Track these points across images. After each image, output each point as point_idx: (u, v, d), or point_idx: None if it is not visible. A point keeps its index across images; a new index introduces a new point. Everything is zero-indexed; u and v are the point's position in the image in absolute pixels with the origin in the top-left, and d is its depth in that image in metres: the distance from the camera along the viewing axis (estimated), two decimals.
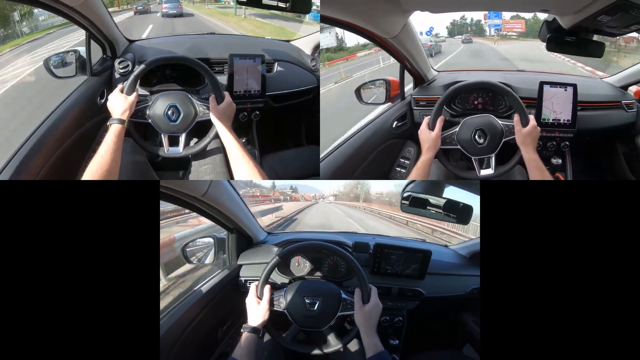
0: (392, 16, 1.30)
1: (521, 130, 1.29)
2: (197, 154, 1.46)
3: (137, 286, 0.93)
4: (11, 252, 0.90)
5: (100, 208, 0.94)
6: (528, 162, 1.27)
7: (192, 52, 1.65)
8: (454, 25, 20.77)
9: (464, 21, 20.71)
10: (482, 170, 1.37)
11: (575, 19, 1.22)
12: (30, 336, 0.89)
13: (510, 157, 1.36)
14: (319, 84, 1.96)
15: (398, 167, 1.72)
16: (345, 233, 1.97)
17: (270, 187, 24.04)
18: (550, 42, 1.35)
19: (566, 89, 1.48)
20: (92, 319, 0.91)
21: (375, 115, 1.72)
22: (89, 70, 1.52)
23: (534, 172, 1.25)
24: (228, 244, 1.59)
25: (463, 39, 18.48)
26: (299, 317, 1.19)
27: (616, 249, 0.93)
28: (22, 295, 0.90)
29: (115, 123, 1.24)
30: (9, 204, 0.91)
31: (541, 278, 0.94)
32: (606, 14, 1.12)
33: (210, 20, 10.80)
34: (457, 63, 11.92)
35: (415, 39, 1.52)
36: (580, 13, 1.18)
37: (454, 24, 20.78)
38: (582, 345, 0.92)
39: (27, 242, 0.91)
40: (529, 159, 1.27)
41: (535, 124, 1.30)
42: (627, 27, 1.21)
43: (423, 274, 1.52)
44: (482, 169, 1.38)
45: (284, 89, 1.79)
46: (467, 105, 1.56)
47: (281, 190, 26.52)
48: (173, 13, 10.47)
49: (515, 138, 1.31)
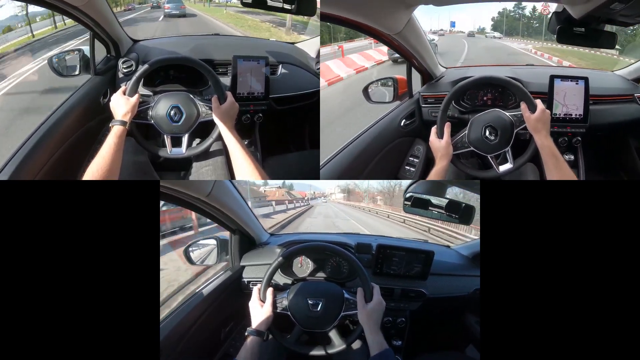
0: (395, 11, 1.27)
1: (530, 117, 1.24)
2: (199, 155, 1.45)
3: (138, 286, 0.93)
4: (11, 252, 0.90)
5: (101, 208, 0.93)
6: (541, 149, 1.22)
7: (196, 53, 1.64)
8: (504, 17, 16.53)
9: (520, 11, 16.31)
10: (500, 167, 1.33)
11: (586, 9, 1.16)
12: (30, 336, 0.89)
13: (526, 150, 1.31)
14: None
15: (407, 166, 1.70)
16: (347, 234, 1.97)
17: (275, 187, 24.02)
18: (561, 33, 1.30)
19: (577, 82, 1.45)
20: (91, 318, 0.90)
21: (383, 114, 1.69)
22: (93, 69, 1.52)
23: (547, 159, 1.20)
24: (231, 245, 1.58)
25: (468, 33, 16.80)
26: (302, 319, 1.19)
27: (617, 249, 0.92)
28: (21, 295, 0.89)
29: (117, 124, 1.24)
30: (8, 204, 0.91)
31: (541, 278, 0.94)
32: (619, 1, 1.06)
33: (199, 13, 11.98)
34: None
35: (420, 35, 1.50)
36: (591, 2, 1.12)
37: (504, 14, 16.57)
38: (582, 345, 0.91)
39: (27, 243, 0.90)
40: (542, 145, 1.21)
41: (544, 108, 1.24)
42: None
43: (425, 274, 1.51)
44: (501, 165, 1.34)
45: (287, 91, 1.79)
46: (477, 101, 1.54)
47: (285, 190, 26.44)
48: (176, 13, 10.66)
49: (527, 126, 1.26)
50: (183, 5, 11.31)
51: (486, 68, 1.92)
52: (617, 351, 0.90)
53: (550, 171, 1.19)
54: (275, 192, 22.33)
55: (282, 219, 10.74)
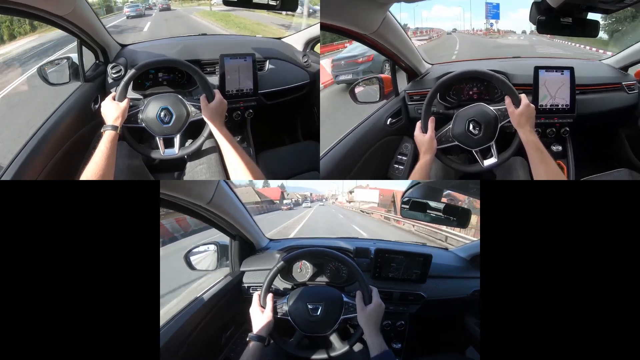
0: (368, 10, 1.27)
1: (514, 112, 1.25)
2: (193, 154, 1.48)
3: (138, 287, 0.94)
4: (10, 252, 0.91)
5: (101, 208, 0.94)
6: (526, 144, 1.22)
7: (184, 54, 1.66)
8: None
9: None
10: (485, 161, 1.34)
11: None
12: (30, 336, 0.89)
13: (511, 144, 1.32)
14: (312, 80, 1.96)
15: (396, 164, 1.70)
16: (346, 238, 1.97)
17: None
18: (541, 24, 1.29)
19: (563, 72, 1.45)
20: (91, 319, 0.91)
21: (368, 114, 1.68)
22: (82, 76, 1.54)
23: (532, 153, 1.20)
24: (231, 250, 1.60)
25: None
26: (303, 323, 1.20)
27: (617, 249, 0.92)
28: (21, 294, 0.90)
29: (108, 129, 1.26)
30: (8, 204, 0.92)
31: (542, 279, 0.93)
32: None
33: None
34: None
35: (398, 32, 1.49)
36: None
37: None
38: (582, 346, 0.91)
39: (26, 244, 0.91)
40: (527, 140, 1.22)
41: (528, 103, 1.25)
42: (622, 1, 1.12)
43: (424, 277, 1.51)
44: (485, 159, 1.35)
45: (276, 86, 1.81)
46: (462, 96, 1.54)
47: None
48: (165, 7, 14.05)
49: (511, 121, 1.27)
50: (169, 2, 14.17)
51: (472, 62, 1.90)
52: (616, 350, 0.90)
53: (535, 165, 1.20)
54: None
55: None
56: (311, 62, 2.00)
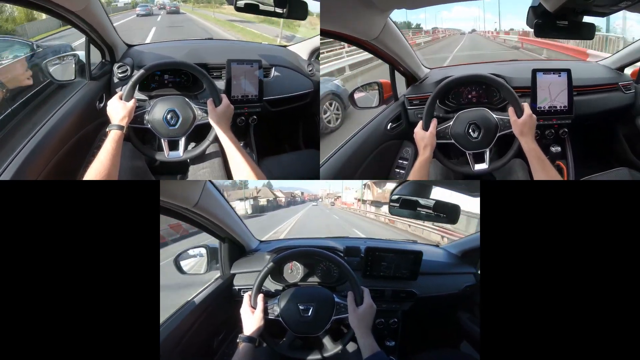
0: (370, 17, 1.28)
1: (517, 121, 1.27)
2: (196, 157, 1.47)
3: (138, 287, 0.93)
4: (10, 252, 0.90)
5: (101, 208, 0.94)
6: (528, 153, 1.25)
7: (190, 58, 1.66)
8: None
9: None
10: (476, 165, 1.36)
11: (559, 1, 1.17)
12: (30, 337, 0.89)
13: (506, 153, 1.34)
14: (316, 89, 1.98)
15: (397, 169, 1.71)
16: (336, 238, 1.98)
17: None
18: (538, 27, 1.31)
19: (560, 74, 1.47)
20: (91, 319, 0.91)
21: (368, 120, 1.69)
22: (88, 74, 1.53)
23: (534, 162, 1.23)
24: (220, 253, 1.58)
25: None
26: (294, 324, 1.20)
27: (616, 249, 0.93)
28: (21, 294, 0.90)
29: (114, 129, 1.25)
30: (8, 205, 0.91)
31: (541, 278, 0.94)
32: None
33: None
34: None
35: (399, 38, 1.51)
36: None
37: None
38: (581, 344, 0.92)
39: (25, 246, 0.91)
40: (529, 149, 1.25)
41: (531, 113, 1.27)
42: (616, 5, 1.15)
43: (415, 274, 1.52)
44: (477, 163, 1.36)
45: (281, 93, 1.81)
46: (462, 99, 1.55)
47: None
48: (174, 10, 14.89)
49: (513, 130, 1.29)
50: (178, 6, 14.92)
51: (470, 66, 1.92)
52: (616, 349, 0.91)
53: (536, 172, 1.23)
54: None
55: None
56: (315, 71, 2.01)
